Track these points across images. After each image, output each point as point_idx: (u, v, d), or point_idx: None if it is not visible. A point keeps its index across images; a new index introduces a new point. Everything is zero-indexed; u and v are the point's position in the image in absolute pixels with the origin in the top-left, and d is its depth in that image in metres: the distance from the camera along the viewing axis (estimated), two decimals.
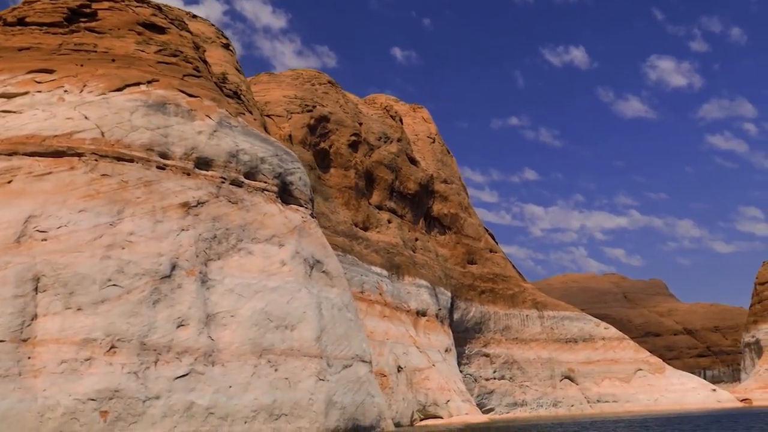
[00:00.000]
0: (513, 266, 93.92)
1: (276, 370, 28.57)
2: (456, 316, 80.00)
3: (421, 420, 54.04)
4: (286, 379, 28.67)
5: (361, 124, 74.39)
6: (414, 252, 74.69)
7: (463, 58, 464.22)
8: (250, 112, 40.73)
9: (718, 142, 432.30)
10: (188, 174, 30.44)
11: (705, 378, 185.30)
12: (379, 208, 73.31)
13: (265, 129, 44.13)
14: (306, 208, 36.10)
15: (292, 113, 65.56)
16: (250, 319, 28.85)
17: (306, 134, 65.07)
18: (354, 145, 70.96)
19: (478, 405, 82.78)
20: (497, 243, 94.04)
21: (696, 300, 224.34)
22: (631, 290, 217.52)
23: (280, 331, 29.57)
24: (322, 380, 29.78)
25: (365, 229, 68.83)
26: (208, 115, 32.23)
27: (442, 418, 54.78)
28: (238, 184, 32.20)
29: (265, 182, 33.66)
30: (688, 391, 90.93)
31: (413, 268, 70.59)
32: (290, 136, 63.02)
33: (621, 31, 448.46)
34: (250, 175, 33.12)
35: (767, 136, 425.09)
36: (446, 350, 66.39)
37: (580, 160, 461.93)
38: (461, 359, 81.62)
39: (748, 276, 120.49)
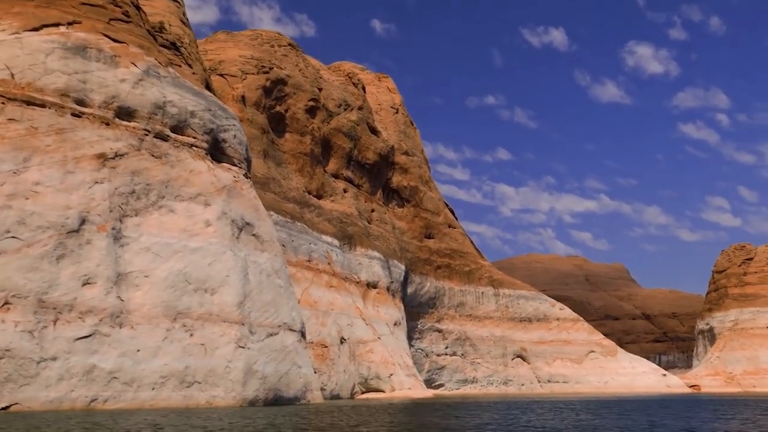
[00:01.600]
0: (471, 243, 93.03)
1: (191, 335, 27.01)
2: (410, 290, 78.95)
3: (363, 393, 52.95)
4: (202, 345, 27.13)
5: (320, 89, 72.37)
6: (369, 223, 73.25)
7: (442, 35, 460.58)
8: (189, 66, 38.70)
9: (690, 131, 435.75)
10: (107, 124, 28.47)
11: (660, 363, 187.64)
12: (336, 176, 71.61)
13: (208, 86, 42.12)
14: (239, 167, 34.35)
15: (247, 74, 63.33)
16: (165, 280, 27.18)
17: (261, 96, 62.96)
18: (312, 111, 68.98)
19: (428, 380, 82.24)
20: (456, 219, 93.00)
21: (658, 286, 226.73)
22: (593, 273, 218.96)
23: (198, 295, 27.96)
24: (242, 348, 28.28)
25: (319, 197, 67.17)
26: (133, 63, 30.19)
27: (384, 392, 53.74)
28: (163, 137, 30.30)
29: (194, 137, 31.80)
30: (638, 375, 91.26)
31: (367, 239, 69.18)
32: (243, 97, 60.89)
33: (602, 15, 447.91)
34: (178, 129, 31.23)
35: (739, 127, 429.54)
36: (395, 324, 65.31)
37: (553, 142, 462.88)
38: (413, 334, 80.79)
39: (711, 265, 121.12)
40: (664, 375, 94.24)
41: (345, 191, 71.63)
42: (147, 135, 29.57)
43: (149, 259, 27.13)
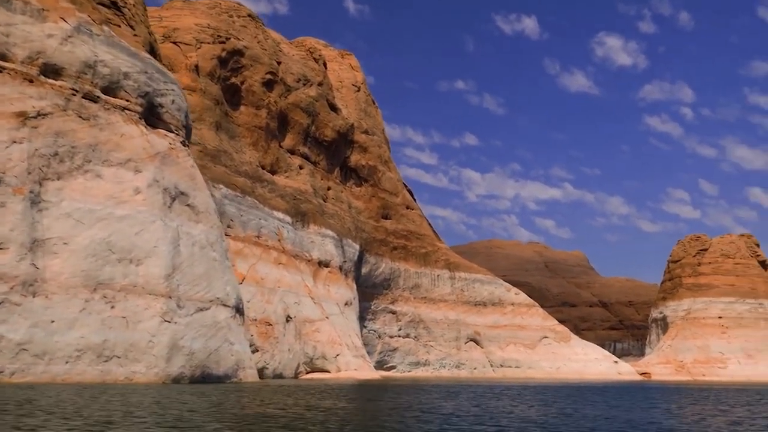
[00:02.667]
0: (429, 225, 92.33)
1: (112, 307, 25.66)
2: (364, 270, 78.04)
3: (308, 373, 51.98)
4: (124, 317, 25.81)
5: (279, 63, 70.61)
6: (324, 201, 72.00)
7: (415, 18, 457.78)
8: (131, 27, 36.86)
9: (655, 123, 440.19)
10: (30, 81, 26.79)
11: (615, 350, 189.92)
12: (292, 152, 70.12)
13: (153, 52, 40.30)
14: (177, 134, 32.83)
15: (202, 43, 61.35)
16: (87, 248, 25.75)
17: (215, 66, 61.11)
18: (269, 84, 67.28)
19: (380, 362, 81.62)
20: (415, 200, 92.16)
21: (616, 275, 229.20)
22: (553, 261, 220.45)
23: (123, 265, 26.58)
24: (168, 322, 27.01)
25: (273, 172, 65.68)
26: (63, 18, 28.47)
27: (329, 372, 52.83)
28: (92, 98, 28.69)
29: (127, 100, 30.22)
30: (590, 362, 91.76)
31: (321, 217, 67.96)
32: (197, 66, 59.00)
33: (573, 5, 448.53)
34: (110, 90, 29.62)
35: (702, 121, 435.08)
36: (346, 304, 64.36)
37: (521, 130, 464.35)
38: (367, 314, 80.00)
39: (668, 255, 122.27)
40: (616, 362, 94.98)
41: (301, 168, 70.22)
42: (75, 95, 27.95)
43: (70, 225, 25.66)
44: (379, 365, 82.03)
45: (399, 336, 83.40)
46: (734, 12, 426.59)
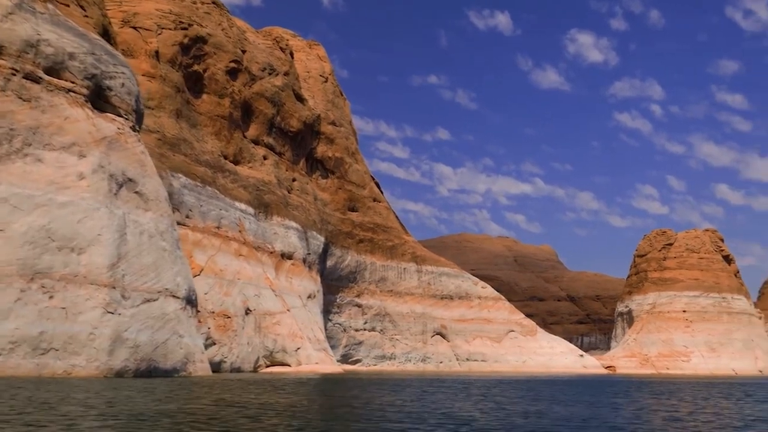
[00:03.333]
0: (396, 218, 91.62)
1: (51, 297, 24.50)
2: (330, 263, 77.15)
3: (267, 367, 51.00)
4: (63, 308, 24.66)
5: (244, 51, 69.26)
6: (289, 192, 70.90)
7: (389, 12, 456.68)
8: (83, 8, 35.48)
9: (625, 120, 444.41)
10: None
11: (582, 344, 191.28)
12: (256, 142, 68.87)
13: (106, 34, 38.90)
14: (126, 119, 31.59)
15: (163, 29, 59.84)
16: (24, 236, 24.53)
17: (177, 53, 59.63)
18: (233, 73, 65.95)
19: (345, 356, 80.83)
20: (382, 193, 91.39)
21: (584, 269, 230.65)
22: (522, 255, 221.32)
23: (63, 254, 25.41)
24: (111, 313, 25.91)
25: (236, 162, 64.43)
26: None
27: (290, 366, 51.90)
28: (34, 79, 27.40)
29: (73, 82, 28.95)
30: (556, 355, 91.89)
31: (284, 208, 66.87)
32: (157, 52, 57.52)
33: (546, 2, 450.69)
34: (53, 71, 28.34)
35: (671, 118, 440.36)
36: (309, 296, 63.42)
37: (493, 125, 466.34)
38: (332, 308, 79.16)
39: None
40: (582, 356, 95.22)
41: (265, 158, 69.02)
42: (14, 75, 26.65)
43: (6, 211, 24.43)
44: (345, 359, 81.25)
45: (364, 329, 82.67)
46: (703, 11, 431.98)
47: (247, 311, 50.02)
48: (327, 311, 77.99)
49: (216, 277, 49.00)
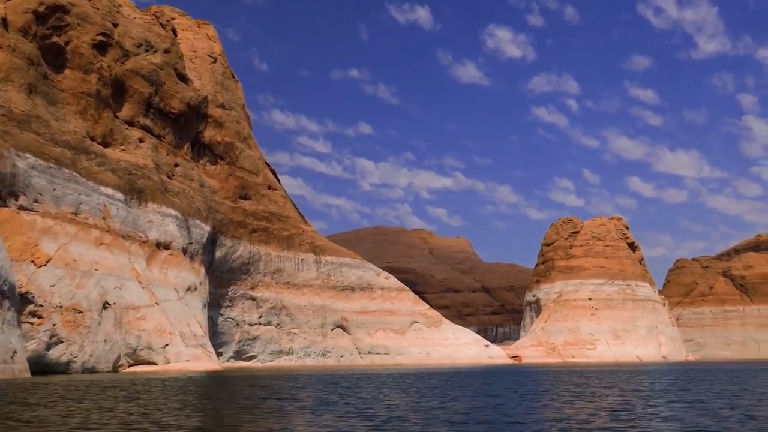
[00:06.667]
0: (294, 206, 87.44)
1: None
2: (219, 254, 72.38)
3: (130, 366, 46.13)
4: None
5: (116, 25, 63.65)
6: (170, 178, 65.75)
7: (309, 5, 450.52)
8: None
9: (542, 114, 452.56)
10: None
11: (497, 335, 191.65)
12: (131, 124, 63.46)
13: None
14: None
15: None
16: None
17: (31, 22, 53.79)
18: (102, 47, 60.37)
19: (239, 352, 76.21)
20: (279, 180, 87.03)
21: (500, 261, 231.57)
22: (437, 247, 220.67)
23: None
24: None
25: (106, 144, 58.97)
26: None
27: (156, 364, 47.16)
28: None
29: None
30: (461, 346, 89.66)
31: (162, 195, 61.76)
32: (5, 20, 51.60)
33: None
34: None
35: (587, 113, 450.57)
36: (188, 289, 58.61)
37: (414, 119, 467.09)
38: (223, 301, 74.44)
39: None
40: (487, 346, 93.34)
41: (141, 141, 63.69)
42: None
43: None
44: (238, 355, 76.68)
45: (260, 324, 78.25)
46: (616, 8, 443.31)
47: (106, 305, 45.02)
48: (218, 305, 73.24)
49: (67, 267, 43.82)
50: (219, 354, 71.66)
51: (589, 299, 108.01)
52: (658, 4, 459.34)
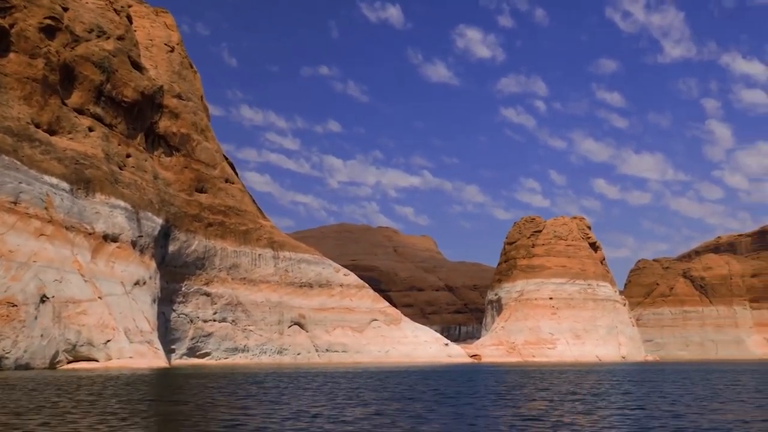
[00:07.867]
0: (252, 200, 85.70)
1: None
2: (172, 247, 70.41)
3: (69, 363, 44.23)
4: None
5: (66, 9, 61.52)
6: (121, 169, 63.71)
7: (281, 1, 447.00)
8: None
9: (510, 115, 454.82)
10: None
11: (460, 334, 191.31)
12: (80, 112, 61.35)
13: None
14: None
15: None
16: None
17: None
18: (50, 31, 58.23)
19: (192, 349, 74.32)
20: (237, 173, 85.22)
21: (464, 260, 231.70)
22: (402, 245, 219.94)
23: None
24: None
25: (52, 132, 56.85)
26: None
27: (97, 361, 45.31)
28: None
29: None
30: (420, 345, 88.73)
31: (111, 186, 59.72)
32: None
33: None
34: None
35: (554, 114, 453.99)
36: (137, 283, 56.69)
37: (383, 118, 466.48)
38: (176, 297, 72.50)
39: None
40: (447, 345, 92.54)
41: (91, 129, 61.61)
42: None
43: None
44: (192, 352, 74.80)
45: (214, 320, 76.42)
46: (585, 11, 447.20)
47: (44, 299, 43.10)
48: (170, 301, 71.32)
49: (2, 258, 41.84)
50: (171, 351, 69.78)
51: (550, 298, 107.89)
52: (627, 8, 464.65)
